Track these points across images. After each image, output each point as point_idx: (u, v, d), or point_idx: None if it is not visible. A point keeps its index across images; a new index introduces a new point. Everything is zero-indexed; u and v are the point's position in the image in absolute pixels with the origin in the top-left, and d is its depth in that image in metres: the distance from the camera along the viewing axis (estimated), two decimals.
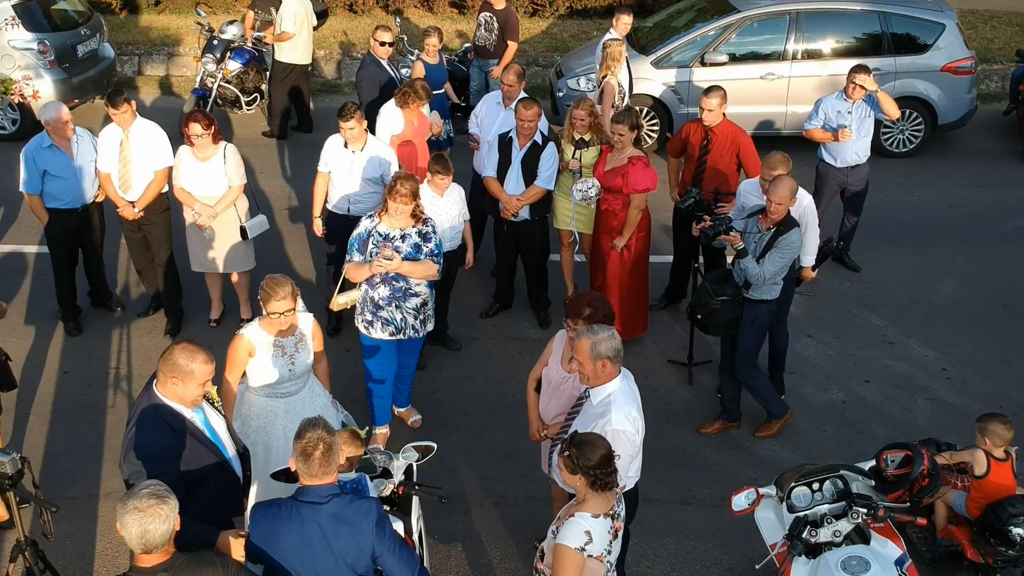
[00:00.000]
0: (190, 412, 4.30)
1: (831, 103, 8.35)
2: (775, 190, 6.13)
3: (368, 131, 7.36)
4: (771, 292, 6.37)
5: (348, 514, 3.86)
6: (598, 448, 3.99)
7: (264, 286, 5.12)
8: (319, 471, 3.81)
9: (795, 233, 6.19)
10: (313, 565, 3.82)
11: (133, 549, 3.45)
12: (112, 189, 7.47)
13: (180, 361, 4.18)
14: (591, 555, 4.00)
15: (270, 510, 3.87)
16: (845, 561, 4.49)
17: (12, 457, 4.05)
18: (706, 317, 6.46)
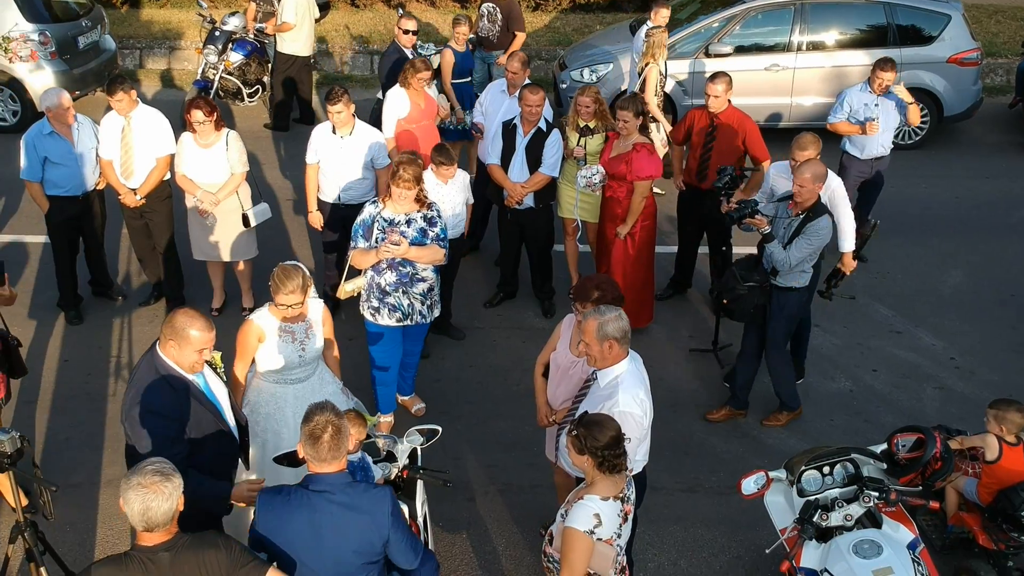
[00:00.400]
0: (191, 375, 4.28)
1: (856, 95, 8.21)
2: (798, 173, 6.06)
3: (356, 116, 7.30)
4: (800, 280, 6.27)
5: (363, 503, 3.77)
6: (607, 429, 3.93)
7: (275, 275, 5.03)
8: (328, 455, 3.72)
9: (824, 219, 6.09)
10: (321, 553, 3.73)
11: (135, 526, 3.39)
12: (114, 176, 7.41)
13: (179, 325, 4.17)
14: (600, 538, 3.94)
15: (278, 498, 3.76)
16: (857, 545, 4.43)
17: (12, 436, 3.99)
18: (732, 302, 6.38)
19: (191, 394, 4.27)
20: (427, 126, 7.97)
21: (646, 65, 9.04)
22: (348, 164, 7.21)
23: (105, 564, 3.42)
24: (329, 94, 7.07)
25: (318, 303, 5.36)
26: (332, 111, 7.03)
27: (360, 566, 3.81)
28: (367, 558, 3.82)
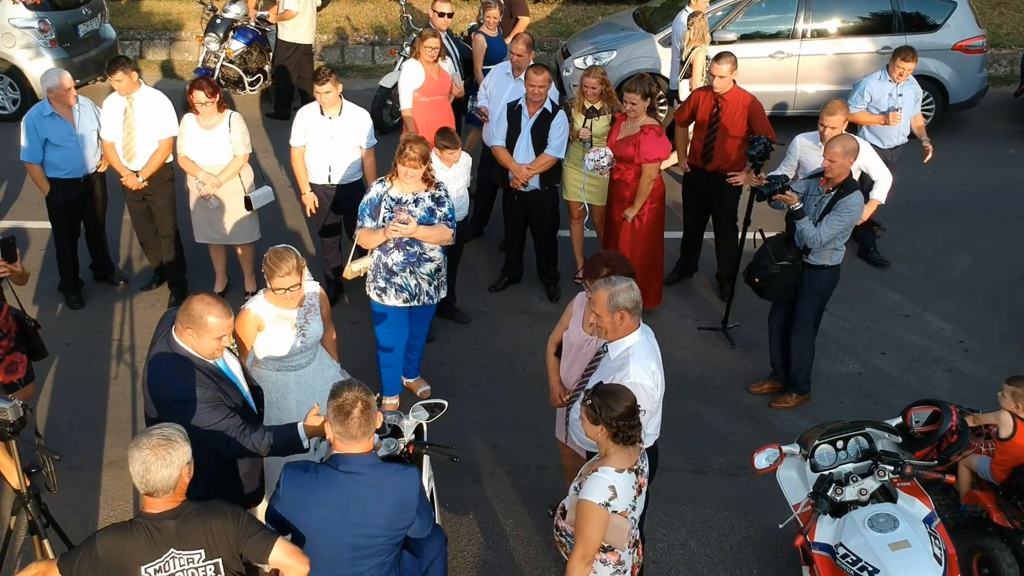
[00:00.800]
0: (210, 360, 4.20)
1: (876, 85, 8.04)
2: (828, 148, 6.00)
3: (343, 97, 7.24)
4: (832, 257, 6.20)
5: (391, 484, 3.71)
6: (623, 399, 3.86)
7: (267, 260, 4.88)
8: (357, 431, 3.63)
9: (856, 195, 6.01)
10: (344, 532, 3.65)
11: (137, 487, 3.32)
12: (116, 158, 7.34)
13: (196, 312, 4.05)
14: (616, 511, 3.87)
15: (306, 476, 3.67)
16: (873, 519, 4.36)
17: (14, 404, 3.92)
18: (763, 281, 6.31)
19: (215, 376, 4.18)
20: (440, 101, 7.92)
21: (692, 50, 9.01)
22: (337, 145, 7.14)
23: (109, 531, 3.36)
24: (316, 74, 7.02)
25: (313, 285, 5.24)
26: (320, 91, 6.97)
27: (381, 547, 3.75)
28: (390, 539, 3.77)
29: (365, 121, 7.20)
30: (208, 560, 3.37)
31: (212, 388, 4.13)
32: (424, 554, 4.23)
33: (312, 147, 7.17)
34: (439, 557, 4.34)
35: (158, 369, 4.15)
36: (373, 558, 3.75)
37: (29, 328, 5.60)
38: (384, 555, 3.79)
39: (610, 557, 3.98)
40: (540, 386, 6.66)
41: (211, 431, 4.06)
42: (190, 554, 3.34)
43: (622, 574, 4.04)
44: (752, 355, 7.28)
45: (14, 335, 5.51)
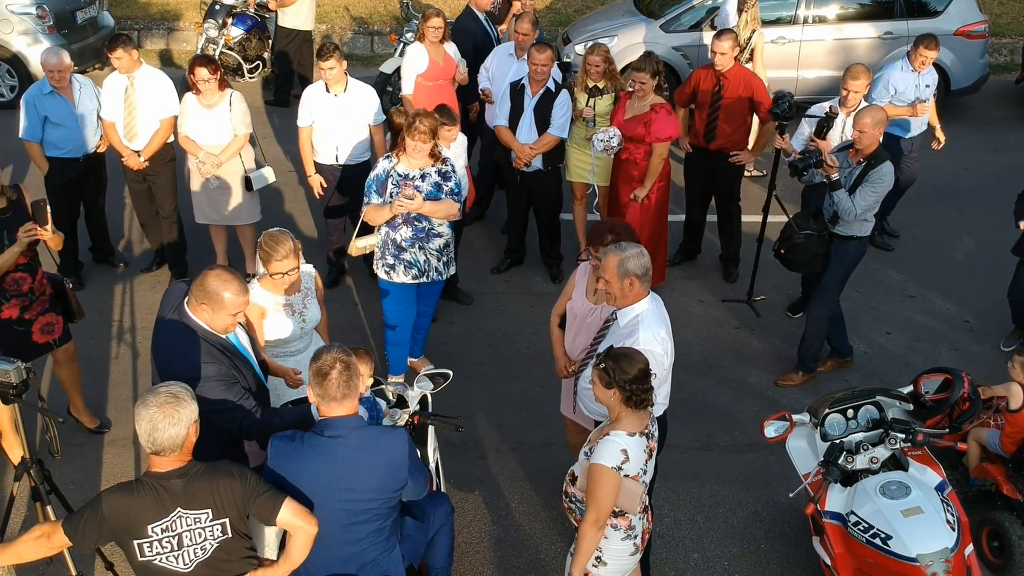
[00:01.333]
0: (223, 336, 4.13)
1: (899, 77, 7.85)
2: (857, 118, 6.00)
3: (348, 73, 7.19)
4: (862, 229, 6.18)
5: (380, 446, 3.64)
6: (636, 362, 3.82)
7: (262, 244, 4.72)
8: (337, 393, 3.56)
9: (887, 165, 5.99)
10: (336, 498, 3.60)
11: (144, 447, 3.27)
12: (116, 138, 7.28)
13: (212, 288, 3.94)
14: (628, 474, 3.83)
15: (291, 445, 3.61)
16: (884, 486, 4.32)
17: (17, 367, 3.86)
18: (789, 252, 6.30)
19: (228, 352, 4.10)
20: (444, 85, 7.86)
21: (752, 33, 9.02)
22: (344, 123, 7.09)
23: (115, 491, 3.31)
24: (320, 50, 6.97)
25: (308, 267, 5.12)
26: (324, 67, 6.92)
27: (375, 511, 3.69)
28: (384, 503, 3.71)
29: (372, 97, 7.15)
30: (215, 520, 3.32)
31: (227, 365, 4.05)
32: (430, 522, 4.19)
33: (319, 126, 7.11)
34: (445, 526, 4.30)
35: (171, 343, 4.05)
36: (368, 524, 3.68)
37: (65, 290, 5.57)
38: (380, 520, 3.72)
39: (621, 522, 3.94)
40: (544, 365, 6.65)
41: (221, 409, 3.97)
42: (197, 513, 3.29)
43: (633, 539, 4.00)
44: (757, 334, 7.25)
45: (49, 297, 5.50)
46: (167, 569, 3.31)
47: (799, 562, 5.24)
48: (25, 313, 5.36)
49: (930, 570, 4.04)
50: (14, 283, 5.25)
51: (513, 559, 5.25)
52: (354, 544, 3.67)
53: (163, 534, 3.27)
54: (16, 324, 5.34)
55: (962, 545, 4.21)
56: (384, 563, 3.77)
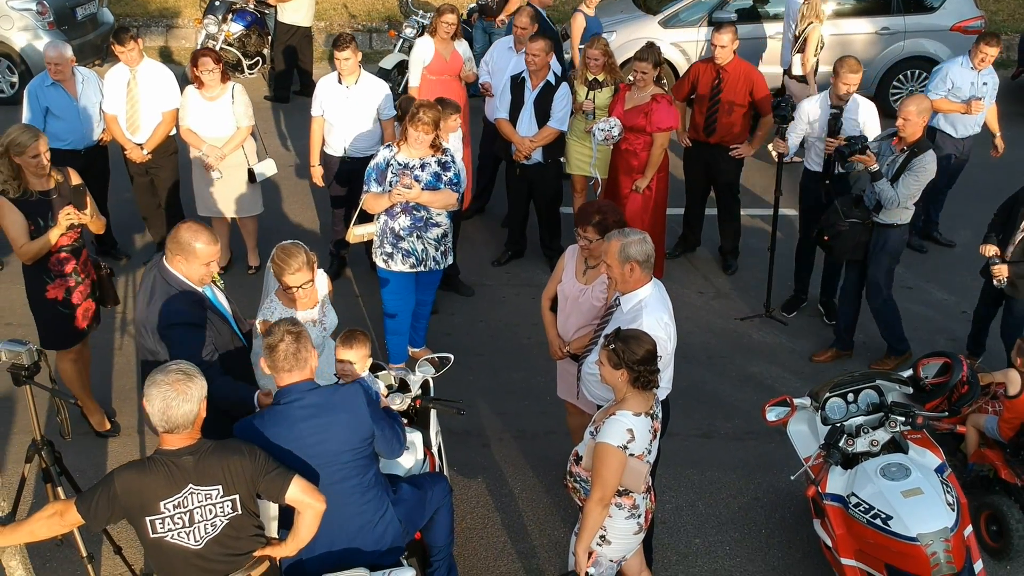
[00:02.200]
0: (200, 288, 4.29)
1: (958, 72, 7.82)
2: (902, 107, 6.09)
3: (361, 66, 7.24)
4: (903, 216, 6.26)
5: (336, 401, 3.75)
6: (644, 343, 3.87)
7: (274, 258, 4.65)
8: (284, 364, 3.67)
9: (930, 154, 6.07)
10: (308, 463, 3.67)
11: (156, 426, 3.32)
12: (119, 131, 7.32)
13: (184, 239, 4.13)
14: (633, 453, 3.88)
15: (252, 423, 3.70)
16: (885, 468, 4.37)
17: (29, 348, 3.91)
18: (832, 239, 6.37)
19: (204, 305, 4.26)
20: (448, 80, 7.90)
21: (808, 25, 9.11)
22: (354, 115, 7.13)
23: (127, 469, 3.34)
24: (337, 40, 7.02)
25: (320, 274, 5.04)
26: (340, 57, 6.97)
27: (349, 465, 3.76)
28: (356, 454, 3.78)
29: (383, 91, 7.20)
30: (226, 496, 3.36)
31: (199, 316, 4.19)
32: (429, 494, 4.22)
33: (329, 117, 7.17)
34: (444, 506, 4.34)
35: (146, 295, 4.24)
36: (347, 480, 3.77)
37: (104, 276, 5.65)
38: (358, 475, 3.80)
39: (625, 501, 3.99)
40: (544, 355, 6.62)
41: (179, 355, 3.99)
42: (208, 490, 3.33)
43: (636, 518, 4.05)
44: (757, 326, 7.30)
45: (92, 283, 5.58)
46: (178, 546, 3.35)
47: (800, 546, 5.29)
48: (71, 296, 5.43)
49: (930, 549, 4.09)
50: (58, 263, 5.33)
51: (517, 544, 5.29)
52: (342, 507, 3.72)
53: (175, 510, 3.31)
54: (62, 306, 5.41)
55: (961, 526, 4.26)
56: (381, 526, 3.86)
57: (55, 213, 5.20)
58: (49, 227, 5.20)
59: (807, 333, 7.21)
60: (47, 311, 5.41)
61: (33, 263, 5.28)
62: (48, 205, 5.22)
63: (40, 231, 5.19)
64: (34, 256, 5.23)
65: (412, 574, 3.84)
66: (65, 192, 5.30)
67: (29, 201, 5.18)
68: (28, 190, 5.19)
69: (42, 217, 5.21)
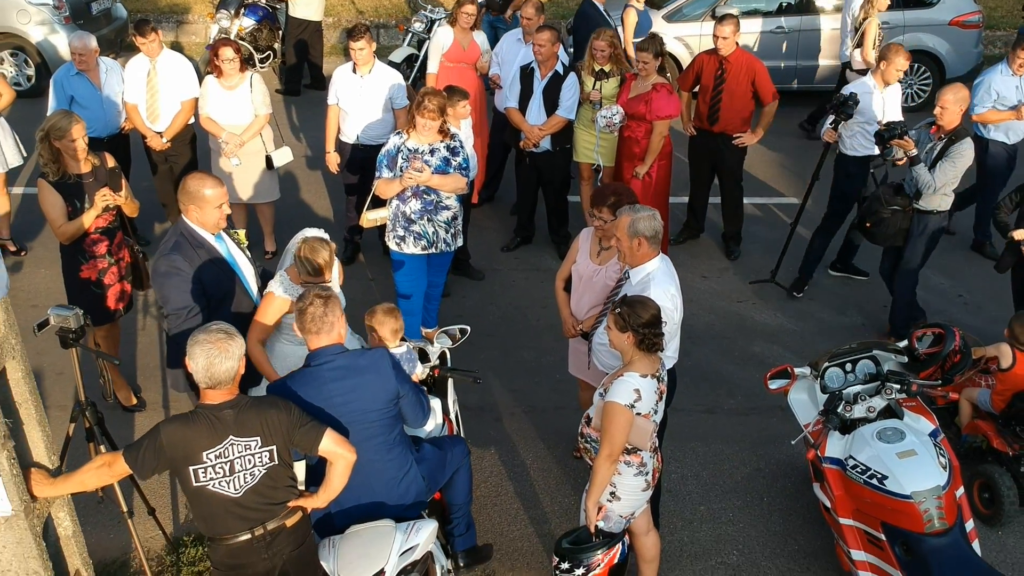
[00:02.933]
0: (212, 238, 4.63)
1: (1000, 81, 7.81)
2: (940, 95, 6.37)
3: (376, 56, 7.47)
4: (942, 203, 6.51)
5: (364, 364, 3.98)
6: (649, 308, 4.10)
7: (301, 253, 4.69)
8: (311, 326, 3.92)
9: (968, 142, 6.32)
10: (338, 418, 3.90)
11: (199, 382, 3.53)
12: (140, 120, 7.55)
13: (192, 189, 4.51)
14: (640, 412, 4.11)
15: (285, 383, 3.94)
16: (881, 432, 4.59)
17: (75, 313, 4.14)
18: (875, 225, 6.64)
19: (208, 252, 4.60)
20: (464, 69, 8.14)
21: (864, 19, 9.35)
22: (367, 104, 7.36)
23: (172, 422, 3.57)
24: (352, 31, 7.24)
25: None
26: (355, 47, 7.19)
27: (376, 423, 4.00)
28: (380, 415, 4.02)
29: (396, 80, 7.43)
30: (263, 447, 3.59)
31: (204, 266, 4.54)
32: (449, 455, 4.46)
33: (344, 105, 7.41)
34: (463, 467, 4.57)
35: (162, 246, 4.61)
36: (374, 438, 4.01)
37: (138, 258, 5.89)
38: (384, 433, 4.04)
39: (633, 459, 4.22)
40: (554, 336, 6.92)
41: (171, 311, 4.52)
42: (247, 441, 3.56)
43: (644, 475, 4.28)
44: (759, 307, 7.53)
45: (126, 265, 5.83)
46: (219, 494, 3.58)
47: (800, 513, 5.52)
48: (104, 277, 5.66)
49: (923, 506, 4.31)
50: (91, 244, 5.57)
51: (529, 510, 5.52)
52: (369, 463, 3.94)
53: (216, 460, 3.53)
54: (94, 286, 5.64)
55: (953, 486, 4.49)
56: (405, 482, 4.11)
57: (91, 195, 5.44)
58: (85, 209, 5.44)
59: (807, 315, 7.44)
60: (80, 290, 5.64)
61: (70, 243, 5.51)
62: (85, 187, 5.46)
63: (77, 212, 5.43)
64: (71, 236, 5.46)
65: (434, 526, 4.07)
66: (101, 175, 5.54)
67: (67, 183, 5.42)
68: (66, 173, 5.43)
69: (79, 199, 5.44)
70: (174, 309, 4.49)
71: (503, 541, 5.28)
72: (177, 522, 5.36)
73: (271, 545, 3.70)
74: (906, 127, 6.51)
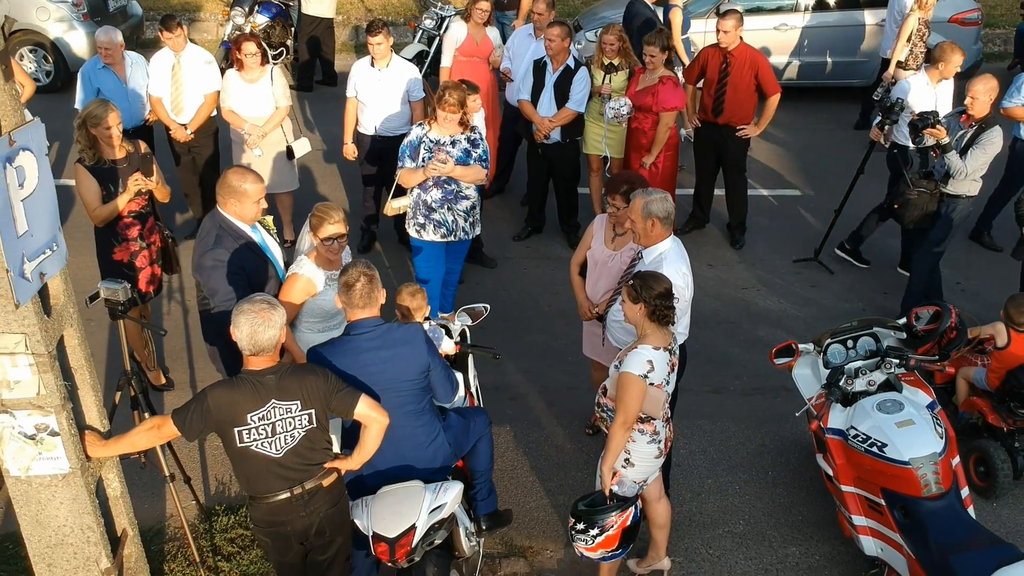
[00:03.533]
0: (249, 229, 4.89)
1: None
2: (970, 86, 6.68)
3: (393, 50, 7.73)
4: (972, 188, 6.83)
5: (399, 336, 4.24)
6: (662, 282, 4.35)
7: (316, 212, 4.90)
8: (360, 301, 4.16)
9: (996, 131, 6.65)
10: (371, 386, 4.14)
11: (243, 350, 3.78)
12: (164, 112, 7.80)
13: (234, 183, 4.77)
14: (653, 383, 4.35)
15: (325, 349, 4.20)
16: (881, 403, 4.83)
17: (124, 286, 4.40)
18: (902, 207, 6.96)
19: (248, 246, 4.86)
20: (477, 63, 8.41)
21: (909, 15, 9.71)
22: (385, 97, 7.61)
23: (219, 387, 3.81)
24: (370, 26, 7.49)
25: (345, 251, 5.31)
26: (372, 42, 7.45)
27: (407, 391, 4.26)
28: (413, 384, 4.28)
29: (412, 74, 7.69)
30: (303, 411, 3.83)
31: (242, 255, 4.79)
32: (472, 424, 4.71)
33: (362, 98, 7.67)
34: (485, 436, 4.82)
35: (200, 236, 4.88)
36: (405, 406, 4.26)
37: (168, 243, 6.15)
38: (414, 402, 4.30)
39: (647, 427, 4.46)
40: (565, 321, 7.20)
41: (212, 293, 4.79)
42: (288, 404, 3.81)
43: (657, 443, 4.52)
44: (763, 294, 7.78)
45: (158, 249, 6.08)
46: (261, 454, 3.83)
47: (803, 486, 5.77)
48: (135, 260, 5.91)
49: (920, 472, 4.56)
50: (124, 228, 5.83)
51: (544, 483, 5.77)
52: (399, 428, 4.18)
53: (260, 422, 3.78)
54: (126, 268, 5.89)
55: (949, 454, 4.73)
56: (432, 447, 4.37)
57: (124, 180, 5.70)
58: (119, 193, 5.69)
59: (810, 302, 7.68)
60: (113, 272, 5.88)
61: (103, 226, 5.77)
62: (119, 173, 5.71)
63: (111, 196, 5.69)
64: (104, 219, 5.72)
65: (460, 487, 4.31)
66: (134, 161, 5.80)
67: (102, 169, 5.68)
68: (102, 159, 5.69)
69: (113, 184, 5.70)
70: (222, 300, 4.71)
71: (519, 512, 5.52)
72: (208, 492, 5.61)
73: (309, 503, 3.95)
74: (939, 117, 6.79)
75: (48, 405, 3.58)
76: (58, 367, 3.58)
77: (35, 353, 3.45)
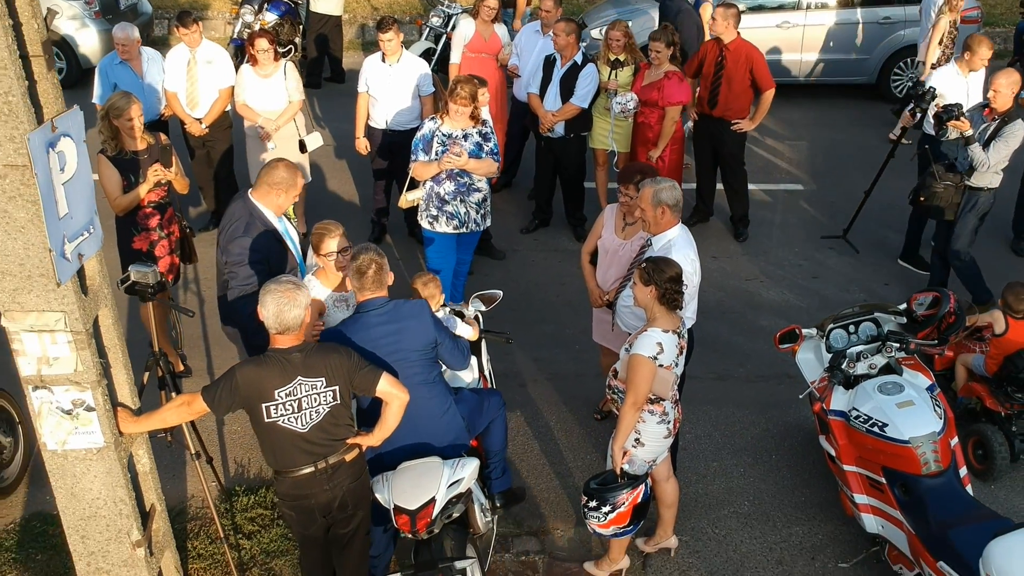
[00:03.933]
0: (276, 219, 5.07)
1: None
2: (993, 80, 6.83)
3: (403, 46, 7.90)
4: (993, 180, 7.00)
5: (407, 310, 4.47)
6: (672, 266, 4.52)
7: (315, 230, 4.97)
8: (371, 286, 4.41)
9: (1019, 124, 6.78)
10: (383, 363, 4.31)
11: (270, 329, 3.94)
12: (180, 107, 7.97)
13: (287, 177, 4.97)
14: (662, 364, 4.51)
15: (339, 327, 4.43)
16: (882, 386, 4.99)
17: (153, 269, 4.56)
18: (928, 199, 7.12)
19: (273, 234, 5.04)
20: (485, 59, 8.56)
21: (939, 15, 9.86)
22: (396, 91, 7.77)
23: (247, 363, 3.98)
24: (381, 23, 7.67)
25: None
26: (383, 38, 7.61)
27: (416, 362, 4.46)
28: (421, 356, 4.49)
29: (422, 69, 7.86)
30: (328, 387, 3.99)
31: (267, 242, 4.96)
32: (485, 406, 4.88)
33: (373, 93, 7.83)
34: (499, 418, 4.99)
35: (228, 221, 5.03)
36: (416, 376, 4.44)
37: (187, 234, 6.31)
38: (425, 372, 4.49)
39: (656, 408, 4.63)
40: (573, 311, 7.36)
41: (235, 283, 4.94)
42: (314, 381, 3.97)
43: (666, 424, 4.68)
44: (766, 285, 7.94)
45: (176, 239, 6.25)
46: (287, 429, 3.99)
47: (806, 468, 5.93)
48: (155, 249, 6.08)
49: (919, 451, 4.72)
50: (144, 217, 6.00)
51: (554, 466, 5.94)
52: (413, 399, 4.30)
53: (287, 398, 3.94)
54: (145, 256, 6.06)
55: (947, 434, 4.89)
56: (446, 418, 4.57)
57: (145, 171, 5.86)
58: (139, 183, 5.86)
59: (812, 292, 7.84)
60: (133, 260, 6.05)
61: (124, 216, 5.93)
62: (140, 163, 5.88)
63: (131, 186, 5.86)
64: (125, 208, 5.89)
65: (476, 463, 4.48)
66: (155, 153, 5.96)
67: (124, 159, 5.85)
68: (123, 149, 5.86)
69: (133, 174, 5.87)
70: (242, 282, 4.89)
71: (531, 493, 5.69)
72: (228, 474, 5.78)
73: (332, 477, 4.11)
74: (962, 109, 6.94)
75: (85, 381, 3.73)
76: (94, 345, 3.74)
77: (73, 331, 3.61)
